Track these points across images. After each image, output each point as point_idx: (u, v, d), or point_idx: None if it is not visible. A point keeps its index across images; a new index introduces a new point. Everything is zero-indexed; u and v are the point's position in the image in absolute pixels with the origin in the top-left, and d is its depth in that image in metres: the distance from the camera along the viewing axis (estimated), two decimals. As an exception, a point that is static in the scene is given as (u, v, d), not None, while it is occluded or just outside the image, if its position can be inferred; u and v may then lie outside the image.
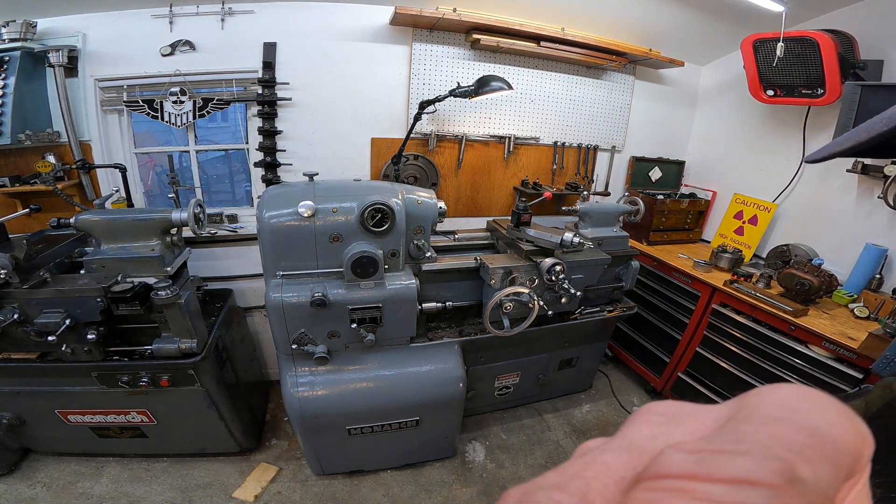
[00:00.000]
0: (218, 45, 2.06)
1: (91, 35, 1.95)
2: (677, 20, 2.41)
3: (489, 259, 1.85)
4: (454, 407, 1.93)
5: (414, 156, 2.48)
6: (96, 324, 1.53)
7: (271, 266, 1.61)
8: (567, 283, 1.82)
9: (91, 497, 1.88)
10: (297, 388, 1.69)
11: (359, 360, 1.77)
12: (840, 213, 2.26)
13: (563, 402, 2.68)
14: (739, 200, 2.69)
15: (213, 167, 5.37)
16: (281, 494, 1.97)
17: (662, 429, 0.17)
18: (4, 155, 1.98)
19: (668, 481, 0.13)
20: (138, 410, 1.81)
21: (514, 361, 2.27)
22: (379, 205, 1.55)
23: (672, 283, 2.54)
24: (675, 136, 3.13)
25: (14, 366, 1.61)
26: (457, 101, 2.40)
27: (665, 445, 0.14)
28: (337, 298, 1.59)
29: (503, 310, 1.77)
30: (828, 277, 2.02)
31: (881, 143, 0.34)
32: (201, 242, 2.22)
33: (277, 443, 2.28)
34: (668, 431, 0.17)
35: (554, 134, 2.75)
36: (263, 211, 1.55)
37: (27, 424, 1.82)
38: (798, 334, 1.90)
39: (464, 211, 2.76)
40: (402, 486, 2.05)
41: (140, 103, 2.06)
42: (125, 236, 1.61)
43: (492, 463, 2.22)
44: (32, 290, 1.48)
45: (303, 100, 2.22)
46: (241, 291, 2.38)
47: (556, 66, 2.59)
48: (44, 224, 1.96)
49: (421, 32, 2.26)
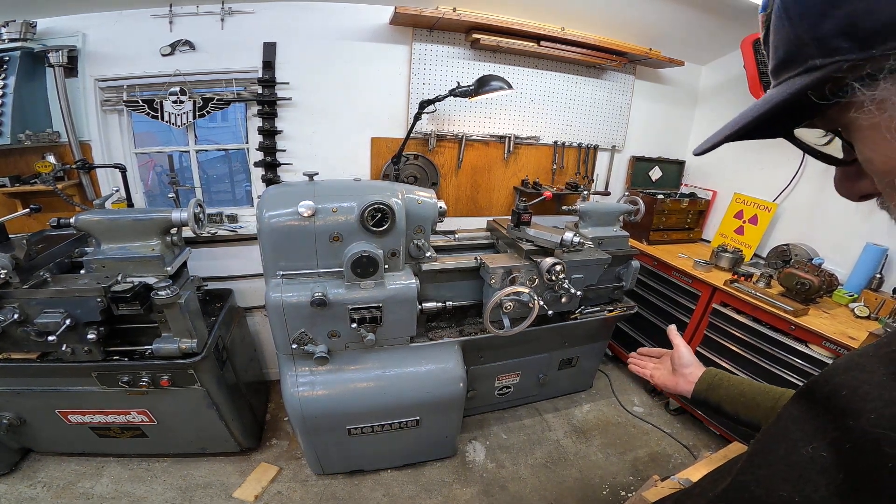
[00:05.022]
0: (218, 45, 2.06)
1: (91, 35, 1.95)
2: (677, 20, 2.41)
3: (489, 259, 1.85)
4: (454, 407, 1.93)
5: (414, 155, 2.48)
6: (96, 324, 1.53)
7: (271, 266, 1.61)
8: (567, 282, 1.82)
9: (91, 497, 1.88)
10: (298, 388, 1.69)
11: (359, 359, 1.77)
12: (840, 213, 2.25)
13: (563, 402, 2.68)
14: (740, 200, 2.69)
15: (214, 167, 5.39)
16: (281, 494, 1.97)
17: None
18: (4, 155, 1.98)
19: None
20: (138, 410, 1.81)
21: (515, 361, 2.27)
22: (379, 204, 1.55)
23: (672, 282, 2.54)
24: (675, 135, 3.13)
25: (14, 366, 1.61)
26: (457, 101, 2.40)
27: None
28: (337, 298, 1.59)
29: (503, 309, 1.77)
30: (828, 277, 2.02)
31: (754, 128, 0.39)
32: (201, 242, 2.22)
33: (277, 443, 2.28)
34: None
35: (554, 133, 2.75)
36: (263, 211, 1.55)
37: (27, 424, 1.82)
38: (798, 334, 1.90)
39: (464, 211, 2.76)
40: (402, 486, 2.05)
41: (140, 103, 2.06)
42: (125, 236, 1.61)
43: (492, 463, 2.22)
44: (32, 290, 1.48)
45: (303, 99, 2.22)
46: (241, 291, 2.38)
47: (556, 66, 2.58)
48: (44, 224, 1.96)
49: (421, 32, 2.26)
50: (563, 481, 2.13)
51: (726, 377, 0.84)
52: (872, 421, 0.37)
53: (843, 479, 0.38)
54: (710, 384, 0.84)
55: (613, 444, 2.38)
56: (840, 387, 0.41)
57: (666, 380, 0.94)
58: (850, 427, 0.38)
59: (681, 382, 0.90)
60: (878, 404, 0.37)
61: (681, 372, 0.90)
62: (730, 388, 0.81)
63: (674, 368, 0.92)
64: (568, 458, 2.28)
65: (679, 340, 0.95)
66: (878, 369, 0.39)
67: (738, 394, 0.79)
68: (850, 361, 0.43)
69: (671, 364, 0.93)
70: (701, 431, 2.46)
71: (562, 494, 2.06)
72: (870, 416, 0.37)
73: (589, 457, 2.29)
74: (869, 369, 0.40)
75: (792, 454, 0.42)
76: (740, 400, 0.79)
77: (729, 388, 0.81)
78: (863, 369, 0.41)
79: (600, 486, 2.12)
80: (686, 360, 0.90)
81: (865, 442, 0.37)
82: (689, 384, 0.88)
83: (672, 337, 0.98)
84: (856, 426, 0.38)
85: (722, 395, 0.81)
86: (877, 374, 0.39)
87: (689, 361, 0.90)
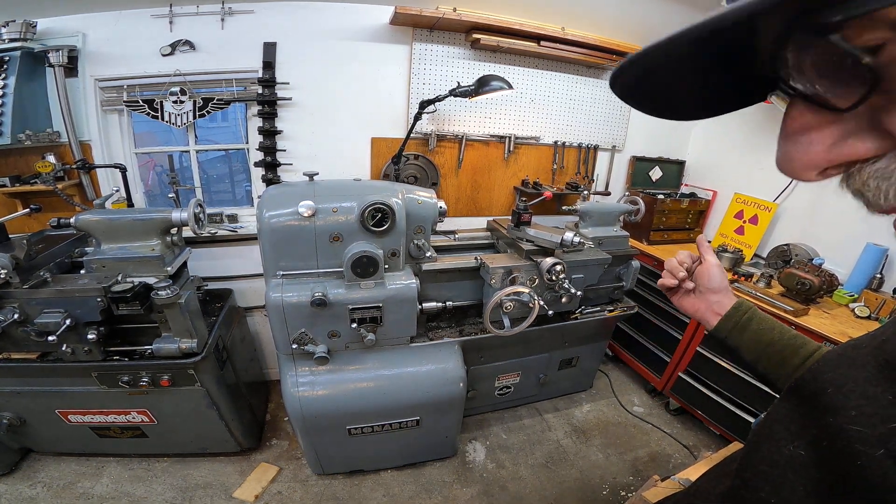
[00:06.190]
0: (218, 45, 2.05)
1: (91, 35, 1.95)
2: (678, 19, 2.40)
3: (489, 259, 1.85)
4: (454, 407, 1.92)
5: (414, 155, 2.48)
6: (96, 324, 1.53)
7: (271, 266, 1.61)
8: (567, 282, 1.82)
9: (91, 497, 1.88)
10: (298, 388, 1.69)
11: (359, 359, 1.77)
12: (841, 213, 2.25)
13: (563, 402, 2.68)
14: (740, 200, 2.69)
15: (214, 167, 5.39)
16: (281, 494, 1.97)
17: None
18: (4, 155, 1.98)
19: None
20: (139, 410, 1.81)
21: (515, 361, 2.27)
22: (379, 204, 1.55)
23: (672, 282, 2.53)
24: (675, 135, 3.13)
25: (14, 366, 1.61)
26: (457, 101, 2.40)
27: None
28: (337, 298, 1.59)
29: (503, 309, 1.77)
30: (828, 277, 2.02)
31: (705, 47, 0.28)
32: (201, 242, 2.22)
33: (278, 443, 2.28)
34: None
35: (554, 133, 2.75)
36: (263, 211, 1.54)
37: (27, 424, 1.82)
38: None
39: (464, 210, 2.76)
40: (402, 486, 2.05)
41: (140, 103, 2.06)
42: (125, 236, 1.61)
43: (492, 463, 2.22)
44: (33, 290, 1.48)
45: (303, 100, 2.22)
46: (242, 291, 2.38)
47: (557, 66, 2.58)
48: (44, 224, 1.96)
49: (421, 32, 2.26)
50: (563, 481, 2.13)
51: (757, 317, 0.71)
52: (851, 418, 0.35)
53: (820, 479, 0.37)
54: (736, 323, 0.72)
55: (613, 444, 2.38)
56: (826, 384, 0.39)
57: (687, 301, 0.80)
58: (829, 424, 0.37)
59: (702, 309, 0.76)
60: (860, 402, 0.35)
61: (707, 297, 0.76)
62: (758, 333, 0.70)
63: (699, 289, 0.78)
64: (568, 458, 2.28)
65: (710, 255, 0.79)
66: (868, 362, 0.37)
67: (767, 342, 0.69)
68: (841, 356, 0.41)
69: (698, 284, 0.79)
70: (701, 431, 2.46)
71: (562, 494, 2.06)
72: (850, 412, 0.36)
73: (589, 457, 2.29)
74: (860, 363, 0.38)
75: (775, 453, 0.41)
76: (767, 351, 0.68)
77: (757, 332, 0.70)
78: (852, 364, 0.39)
79: (600, 486, 2.12)
80: (716, 281, 0.76)
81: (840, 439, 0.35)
82: (713, 315, 0.75)
83: (702, 250, 0.81)
84: (834, 423, 0.37)
85: (746, 339, 0.70)
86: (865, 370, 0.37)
87: (719, 285, 0.76)
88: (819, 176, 0.30)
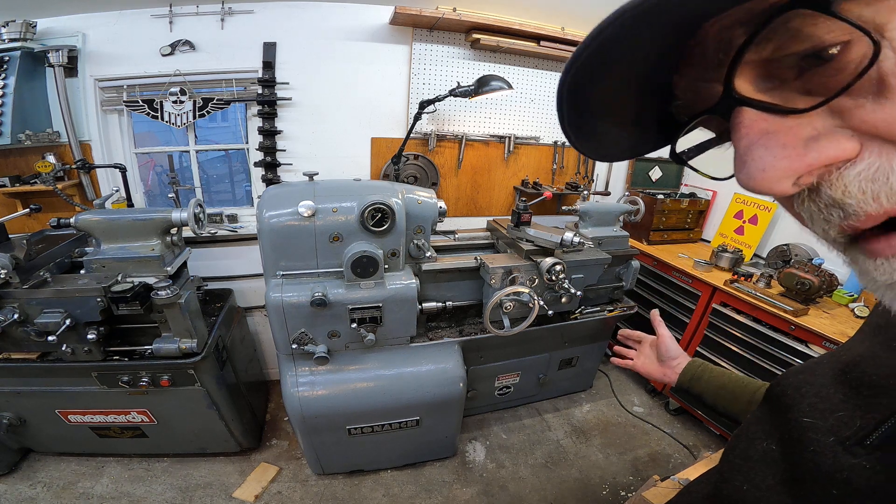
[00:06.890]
0: (218, 45, 2.05)
1: (91, 35, 1.95)
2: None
3: (489, 259, 1.85)
4: (454, 407, 1.92)
5: (414, 155, 2.48)
6: (96, 324, 1.53)
7: (271, 266, 1.61)
8: (567, 282, 1.82)
9: (91, 497, 1.88)
10: (298, 388, 1.69)
11: (359, 359, 1.77)
12: (840, 213, 2.25)
13: (563, 402, 2.68)
14: (740, 200, 2.69)
15: (214, 167, 5.40)
16: (281, 494, 1.97)
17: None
18: (4, 155, 1.98)
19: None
20: (139, 410, 1.81)
21: (515, 361, 2.27)
22: (379, 204, 1.55)
23: (672, 282, 2.54)
24: (675, 135, 3.13)
25: (14, 366, 1.61)
26: (457, 101, 2.40)
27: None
28: (337, 298, 1.59)
29: (503, 309, 1.77)
30: (828, 277, 2.01)
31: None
32: (201, 242, 2.22)
33: (277, 443, 2.28)
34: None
35: (554, 133, 2.75)
36: (263, 211, 1.54)
37: (27, 424, 1.82)
38: (798, 334, 1.90)
39: (464, 210, 2.76)
40: (402, 486, 2.05)
41: (140, 103, 2.06)
42: (125, 236, 1.61)
43: (492, 463, 2.22)
44: (32, 290, 1.48)
45: (303, 99, 2.22)
46: (241, 291, 2.38)
47: (557, 66, 2.58)
48: (44, 224, 1.96)
49: (421, 32, 2.26)
50: (563, 481, 2.13)
51: (709, 369, 0.85)
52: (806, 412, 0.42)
53: (786, 469, 0.42)
54: (692, 375, 0.85)
55: (613, 444, 2.38)
56: (788, 387, 0.46)
57: (651, 369, 0.94)
58: (789, 419, 0.43)
59: (668, 373, 0.91)
60: (814, 400, 0.42)
61: (669, 363, 0.91)
62: (711, 381, 0.82)
63: (661, 359, 0.93)
64: (568, 458, 2.28)
65: (663, 330, 0.94)
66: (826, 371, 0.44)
67: (719, 386, 0.81)
68: (804, 367, 0.48)
69: (658, 355, 0.94)
70: (701, 431, 2.46)
71: (562, 494, 2.06)
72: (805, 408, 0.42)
73: (589, 457, 2.29)
74: (818, 372, 0.45)
75: (749, 449, 0.47)
76: (720, 392, 0.80)
77: (710, 380, 0.82)
78: (812, 371, 0.46)
79: (600, 486, 2.12)
80: (673, 351, 0.91)
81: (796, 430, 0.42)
82: (676, 374, 0.89)
83: (656, 326, 0.96)
84: (792, 418, 0.43)
85: (703, 387, 0.83)
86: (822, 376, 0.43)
87: (676, 353, 0.91)
88: (794, 186, 0.26)
